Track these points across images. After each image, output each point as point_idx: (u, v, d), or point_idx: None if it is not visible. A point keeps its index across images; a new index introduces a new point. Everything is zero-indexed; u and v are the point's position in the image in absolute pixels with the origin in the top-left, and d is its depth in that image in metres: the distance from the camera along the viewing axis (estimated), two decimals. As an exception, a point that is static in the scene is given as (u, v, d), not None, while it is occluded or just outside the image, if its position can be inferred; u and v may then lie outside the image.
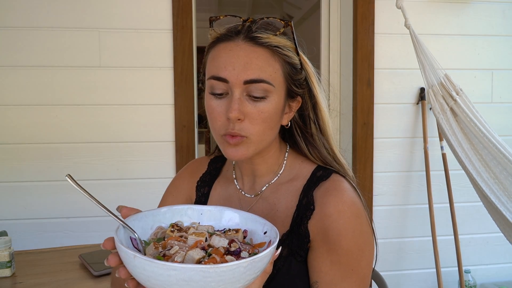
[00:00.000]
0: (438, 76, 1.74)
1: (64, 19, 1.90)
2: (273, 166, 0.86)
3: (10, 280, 1.28)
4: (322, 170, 0.83)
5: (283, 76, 0.78)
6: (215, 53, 0.78)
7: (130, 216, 0.68)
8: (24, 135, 1.90)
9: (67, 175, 0.65)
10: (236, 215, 0.72)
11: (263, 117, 0.76)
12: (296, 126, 0.86)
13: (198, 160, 1.02)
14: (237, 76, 0.74)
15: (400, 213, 2.19)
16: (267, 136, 0.79)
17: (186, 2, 1.95)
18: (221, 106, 0.76)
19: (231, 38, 0.77)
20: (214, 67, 0.77)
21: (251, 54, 0.75)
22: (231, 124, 0.75)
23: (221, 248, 0.61)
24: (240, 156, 0.77)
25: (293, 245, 0.78)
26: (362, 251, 0.76)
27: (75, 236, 1.93)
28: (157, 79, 1.97)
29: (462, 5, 2.15)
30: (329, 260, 0.75)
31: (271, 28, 0.78)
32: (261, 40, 0.76)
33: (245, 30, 0.77)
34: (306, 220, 0.78)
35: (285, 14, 5.31)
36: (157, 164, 1.99)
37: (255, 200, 0.86)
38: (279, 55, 0.77)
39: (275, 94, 0.77)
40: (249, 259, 0.55)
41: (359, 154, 2.12)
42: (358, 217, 0.77)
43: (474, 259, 2.24)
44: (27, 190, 1.92)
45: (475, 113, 1.71)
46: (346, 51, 2.23)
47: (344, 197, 0.77)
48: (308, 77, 0.84)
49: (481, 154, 1.70)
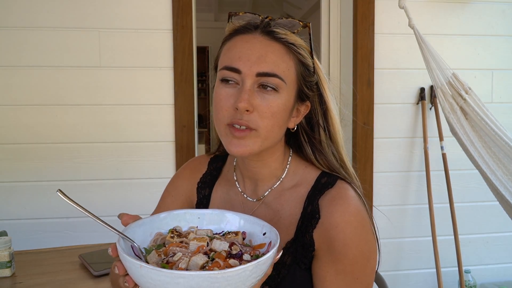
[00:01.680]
0: (446, 76, 1.73)
1: (64, 19, 1.90)
2: (276, 170, 0.85)
3: (10, 280, 1.28)
4: (327, 177, 0.82)
5: (295, 75, 0.78)
6: (231, 44, 0.78)
7: (130, 224, 0.68)
8: (24, 135, 1.90)
9: (58, 190, 0.64)
10: (235, 217, 0.72)
11: (272, 111, 0.74)
12: (303, 131, 0.85)
13: (197, 159, 1.00)
14: (250, 67, 0.73)
15: (400, 213, 2.19)
16: (274, 133, 0.77)
17: (186, 2, 1.95)
18: (230, 95, 0.75)
19: (249, 30, 0.77)
20: (228, 57, 0.76)
21: (266, 48, 0.75)
22: (239, 114, 0.73)
23: (222, 252, 0.62)
24: (244, 151, 0.75)
25: (297, 253, 0.78)
26: (367, 260, 0.76)
27: (75, 236, 1.93)
28: (157, 79, 1.97)
29: (462, 5, 2.15)
30: (334, 270, 0.75)
31: (290, 26, 0.78)
32: (278, 35, 0.76)
33: (264, 25, 0.77)
34: (311, 228, 0.77)
35: (285, 14, 5.31)
36: (157, 164, 1.98)
37: (257, 204, 0.85)
38: (294, 53, 0.77)
39: (285, 91, 0.76)
40: (254, 263, 0.55)
41: (359, 154, 2.12)
42: (363, 226, 0.76)
43: (474, 259, 2.24)
44: (27, 190, 1.92)
45: (486, 111, 1.69)
46: (346, 51, 2.23)
47: (350, 206, 0.76)
48: (320, 82, 0.83)
49: (494, 151, 1.68)
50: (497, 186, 1.66)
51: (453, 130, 1.75)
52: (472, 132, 1.71)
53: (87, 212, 0.65)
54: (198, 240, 0.64)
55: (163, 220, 0.72)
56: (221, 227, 0.72)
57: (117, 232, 0.64)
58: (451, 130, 1.77)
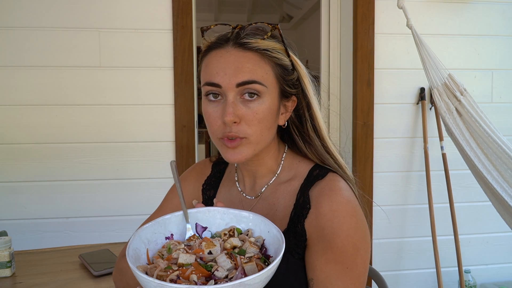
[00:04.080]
0: (442, 77, 1.74)
1: (64, 19, 1.90)
2: (272, 167, 0.88)
3: (10, 280, 1.28)
4: (319, 169, 0.85)
5: (275, 77, 0.80)
6: (207, 61, 0.81)
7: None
8: (24, 135, 1.90)
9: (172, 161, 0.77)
10: (247, 215, 0.74)
11: (259, 117, 0.78)
12: (294, 126, 0.88)
13: (202, 163, 1.04)
14: (229, 80, 0.76)
15: (400, 213, 2.19)
16: (265, 136, 0.80)
17: (186, 2, 1.95)
18: (217, 110, 0.79)
19: (221, 45, 0.80)
20: (207, 74, 0.79)
21: (241, 59, 0.77)
22: (228, 127, 0.77)
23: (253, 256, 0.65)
24: (240, 158, 0.79)
25: (290, 243, 0.80)
26: (357, 250, 0.76)
27: (75, 236, 1.93)
28: (157, 79, 1.97)
29: (462, 5, 2.15)
30: (324, 258, 0.76)
31: (260, 32, 0.80)
32: (250, 45, 0.78)
33: (234, 36, 0.79)
34: (303, 218, 0.79)
35: (285, 14, 5.31)
36: (157, 164, 1.98)
37: (255, 201, 0.88)
38: (269, 58, 0.80)
39: (268, 94, 0.79)
40: (272, 266, 0.58)
41: (359, 154, 2.12)
42: (353, 215, 0.77)
43: (474, 259, 2.24)
44: (27, 190, 1.92)
45: (480, 113, 1.70)
46: (346, 51, 2.23)
47: (338, 196, 0.78)
48: (300, 77, 0.86)
49: (486, 153, 1.69)
50: (493, 186, 1.67)
51: (449, 130, 1.76)
52: (467, 133, 1.72)
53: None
54: (228, 251, 0.66)
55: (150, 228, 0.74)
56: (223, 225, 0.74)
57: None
58: (447, 130, 1.78)
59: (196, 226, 0.72)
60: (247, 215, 0.73)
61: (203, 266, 0.61)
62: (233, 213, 0.74)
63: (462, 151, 1.75)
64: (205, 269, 0.61)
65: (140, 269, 0.60)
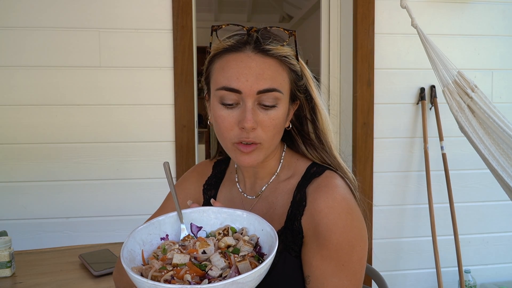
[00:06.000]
0: (452, 75, 1.73)
1: (64, 19, 1.90)
2: (273, 167, 0.89)
3: (10, 280, 1.28)
4: (316, 167, 0.85)
5: (289, 83, 0.81)
6: (223, 64, 0.79)
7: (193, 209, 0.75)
8: (24, 135, 1.90)
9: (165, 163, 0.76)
10: (241, 214, 0.74)
11: (274, 124, 0.79)
12: (293, 126, 0.89)
13: (203, 163, 1.04)
14: (250, 87, 0.76)
15: (400, 213, 2.19)
16: (276, 140, 0.82)
17: (186, 2, 1.95)
18: (233, 116, 0.78)
19: (240, 48, 0.78)
20: (225, 78, 0.78)
21: (262, 65, 0.77)
22: (245, 133, 0.77)
23: (247, 253, 0.65)
24: (253, 162, 0.80)
25: (287, 240, 0.80)
26: (352, 247, 0.76)
27: (75, 236, 1.93)
28: (157, 79, 1.97)
29: (462, 5, 2.15)
30: (320, 255, 0.76)
31: (278, 38, 0.81)
32: (271, 52, 0.78)
33: (254, 41, 0.78)
34: (299, 216, 0.80)
35: (285, 14, 5.31)
36: (157, 164, 1.99)
37: (255, 201, 0.89)
38: (286, 64, 0.80)
39: (283, 100, 0.80)
40: (265, 264, 0.57)
41: (359, 154, 2.13)
42: (348, 213, 0.77)
43: (474, 259, 2.24)
44: (27, 190, 1.92)
45: (492, 108, 1.68)
46: (346, 51, 2.23)
47: (334, 193, 0.78)
48: (307, 82, 0.86)
49: (502, 148, 1.67)
50: (509, 183, 1.65)
51: (462, 129, 1.74)
52: (481, 130, 1.70)
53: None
54: (221, 249, 0.66)
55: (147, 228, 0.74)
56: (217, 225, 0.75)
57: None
58: (460, 128, 1.75)
59: (191, 226, 0.73)
60: (241, 214, 0.73)
61: (197, 266, 0.62)
62: (227, 212, 0.74)
63: (477, 149, 1.72)
64: (199, 269, 0.61)
65: (135, 270, 0.60)
